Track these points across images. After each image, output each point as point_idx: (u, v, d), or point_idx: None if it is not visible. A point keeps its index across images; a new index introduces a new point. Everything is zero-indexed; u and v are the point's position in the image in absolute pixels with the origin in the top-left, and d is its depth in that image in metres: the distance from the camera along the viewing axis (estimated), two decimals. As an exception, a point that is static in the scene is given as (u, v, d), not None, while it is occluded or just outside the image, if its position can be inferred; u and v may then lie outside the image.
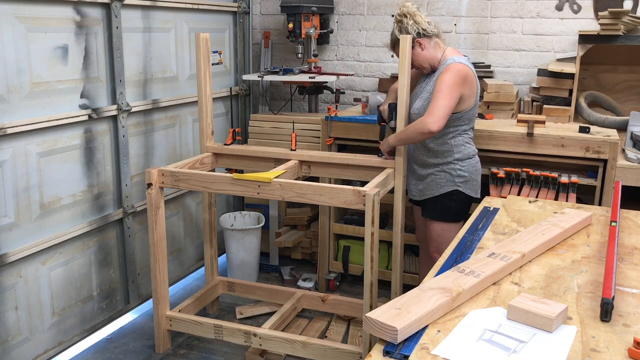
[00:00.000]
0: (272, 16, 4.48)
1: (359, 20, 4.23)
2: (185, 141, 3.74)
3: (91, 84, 2.95)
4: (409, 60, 2.73)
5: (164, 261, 2.97)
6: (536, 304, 1.44)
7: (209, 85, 3.16)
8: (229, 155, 3.24)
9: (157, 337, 3.05)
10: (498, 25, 3.88)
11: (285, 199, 2.69)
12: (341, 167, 3.04)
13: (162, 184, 2.89)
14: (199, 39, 3.07)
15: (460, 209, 2.84)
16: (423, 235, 3.10)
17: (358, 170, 3.01)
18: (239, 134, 3.68)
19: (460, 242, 2.00)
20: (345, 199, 2.58)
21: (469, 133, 2.84)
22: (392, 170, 2.89)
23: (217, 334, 2.93)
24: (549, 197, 2.96)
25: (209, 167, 3.21)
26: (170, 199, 3.59)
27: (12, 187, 2.59)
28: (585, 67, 3.60)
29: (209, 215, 3.34)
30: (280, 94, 4.56)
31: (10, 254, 2.58)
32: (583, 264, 1.80)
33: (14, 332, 2.66)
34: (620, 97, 3.63)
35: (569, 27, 3.71)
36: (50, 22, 2.69)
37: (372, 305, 2.65)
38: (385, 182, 2.78)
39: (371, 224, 2.55)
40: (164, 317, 3.02)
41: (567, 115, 3.44)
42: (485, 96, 3.52)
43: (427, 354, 1.31)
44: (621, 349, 1.32)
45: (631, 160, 2.95)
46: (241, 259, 3.81)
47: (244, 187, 2.73)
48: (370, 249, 2.58)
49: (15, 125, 2.54)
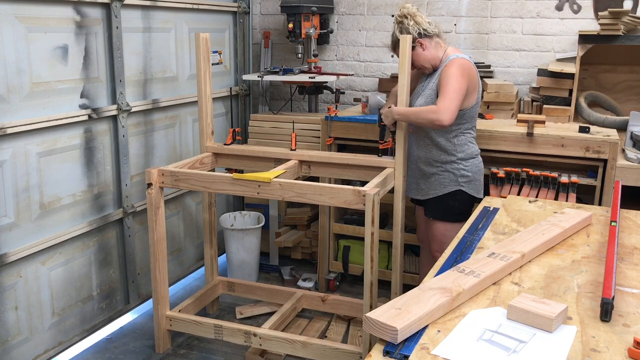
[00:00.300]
0: (272, 16, 4.48)
1: (359, 20, 4.23)
2: (185, 141, 3.74)
3: (91, 84, 2.95)
4: (409, 60, 2.73)
5: (164, 261, 2.97)
6: (536, 304, 1.44)
7: (209, 85, 3.16)
8: (229, 155, 3.24)
9: (157, 337, 3.05)
10: (498, 25, 3.88)
11: (285, 198, 2.69)
12: (341, 167, 3.03)
13: (162, 183, 2.89)
14: (199, 39, 3.06)
15: (464, 208, 2.84)
16: (425, 235, 3.10)
17: (358, 170, 3.01)
18: (239, 134, 3.68)
19: (460, 242, 2.00)
20: (345, 198, 2.58)
21: (471, 132, 2.84)
22: (392, 170, 2.89)
23: (217, 334, 2.93)
24: (549, 197, 2.96)
25: (208, 167, 3.21)
26: (170, 198, 3.59)
27: (12, 187, 2.59)
28: (585, 67, 3.60)
29: (209, 215, 3.34)
30: (280, 94, 4.56)
31: (10, 254, 2.58)
32: (583, 264, 1.80)
33: (14, 332, 2.66)
34: (620, 97, 3.63)
35: (569, 27, 3.71)
36: (50, 22, 2.69)
37: (372, 305, 2.65)
38: (385, 182, 2.78)
39: (371, 224, 2.55)
40: (164, 317, 3.02)
41: (567, 115, 3.44)
42: (485, 96, 3.52)
43: (427, 354, 1.31)
44: (621, 349, 1.32)
45: (631, 160, 2.95)
46: (241, 259, 3.81)
47: (244, 187, 2.73)
48: (370, 249, 2.58)
49: (15, 125, 2.54)
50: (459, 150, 2.80)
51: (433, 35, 2.79)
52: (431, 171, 2.86)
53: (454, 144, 2.80)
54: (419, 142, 2.89)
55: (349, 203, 2.58)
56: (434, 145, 2.83)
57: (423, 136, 2.86)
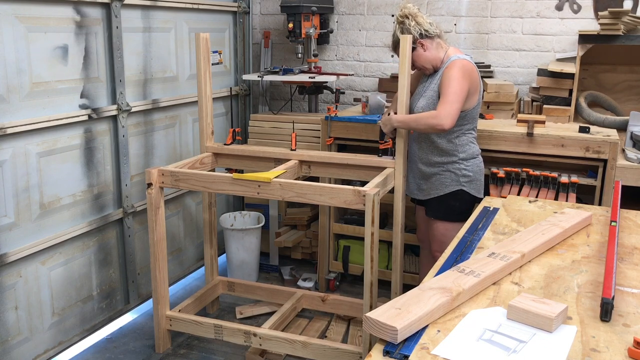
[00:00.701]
0: (272, 16, 4.48)
1: (359, 20, 4.23)
2: (185, 141, 3.74)
3: (91, 84, 2.95)
4: (409, 61, 2.73)
5: (164, 261, 2.97)
6: (536, 304, 1.44)
7: (209, 86, 3.16)
8: (229, 155, 3.23)
9: (157, 337, 3.05)
10: (498, 25, 3.88)
11: (285, 199, 2.68)
12: (341, 167, 3.03)
13: (162, 183, 2.88)
14: (199, 39, 3.06)
15: (465, 208, 2.84)
16: (425, 235, 3.10)
17: (358, 170, 3.00)
18: (239, 133, 3.69)
19: (460, 242, 2.00)
20: (345, 198, 2.57)
21: (472, 132, 2.84)
22: (392, 170, 2.89)
23: (217, 333, 2.93)
24: (549, 197, 2.96)
25: (209, 167, 3.20)
26: (170, 198, 3.59)
27: (12, 187, 2.59)
28: (585, 67, 3.60)
29: (209, 215, 3.34)
30: (280, 94, 4.56)
31: (10, 254, 2.58)
32: (583, 264, 1.80)
33: (14, 332, 2.66)
34: (620, 97, 3.63)
35: (569, 27, 3.71)
36: (50, 22, 2.69)
37: (372, 305, 2.65)
38: (385, 182, 2.78)
39: (371, 224, 2.54)
40: (164, 317, 3.02)
41: (567, 115, 3.44)
42: (485, 96, 3.52)
43: (427, 353, 1.31)
44: (621, 349, 1.32)
45: (631, 160, 2.95)
46: (241, 258, 3.81)
47: (244, 187, 2.73)
48: (370, 249, 2.58)
49: (15, 125, 2.54)
50: (461, 150, 2.80)
51: (434, 35, 2.79)
52: (432, 171, 2.86)
53: (456, 145, 2.80)
54: (420, 143, 2.89)
55: (349, 203, 2.58)
56: (435, 146, 2.83)
57: (424, 138, 2.85)
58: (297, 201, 2.70)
